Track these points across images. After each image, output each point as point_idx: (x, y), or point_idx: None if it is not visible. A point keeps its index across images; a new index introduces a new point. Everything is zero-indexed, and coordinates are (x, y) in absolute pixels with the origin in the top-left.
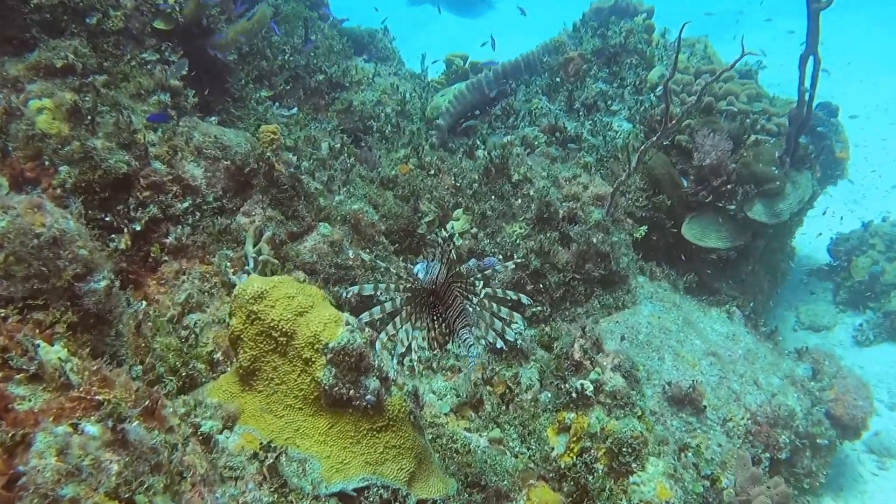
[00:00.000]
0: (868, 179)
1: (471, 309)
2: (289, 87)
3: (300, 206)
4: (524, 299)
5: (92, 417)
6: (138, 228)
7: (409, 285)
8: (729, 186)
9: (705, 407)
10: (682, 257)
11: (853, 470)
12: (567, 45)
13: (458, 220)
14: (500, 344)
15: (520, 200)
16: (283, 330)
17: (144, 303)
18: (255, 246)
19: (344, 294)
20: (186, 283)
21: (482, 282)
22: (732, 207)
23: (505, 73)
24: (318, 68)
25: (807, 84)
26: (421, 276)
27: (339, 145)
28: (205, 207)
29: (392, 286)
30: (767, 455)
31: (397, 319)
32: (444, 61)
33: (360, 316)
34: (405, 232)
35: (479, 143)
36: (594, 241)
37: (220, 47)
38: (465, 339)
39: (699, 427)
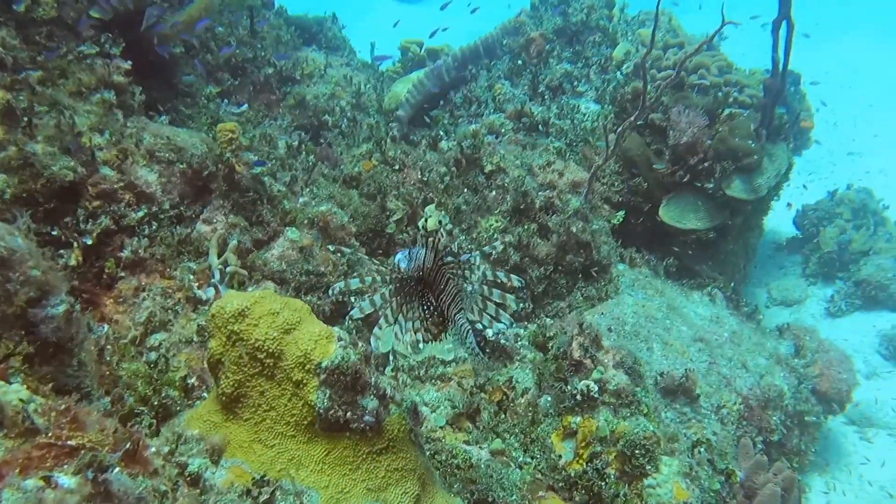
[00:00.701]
0: (827, 148)
1: (468, 290)
2: (237, 83)
3: (264, 211)
4: (515, 280)
5: (66, 467)
6: (90, 242)
7: (395, 275)
8: (706, 164)
9: (699, 395)
10: (666, 239)
11: (837, 443)
12: (527, 25)
13: (431, 216)
14: (496, 328)
15: (494, 192)
16: (270, 350)
17: (107, 326)
18: (219, 256)
19: (329, 293)
20: (147, 301)
21: (479, 257)
22: (711, 186)
23: (464, 58)
24: (266, 61)
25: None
26: (403, 265)
27: (297, 143)
28: (161, 216)
29: (378, 277)
30: (761, 438)
31: (388, 312)
32: (398, 48)
33: (350, 313)
34: (373, 232)
35: (441, 133)
36: (574, 230)
37: (165, 39)
38: (461, 326)
39: (694, 417)
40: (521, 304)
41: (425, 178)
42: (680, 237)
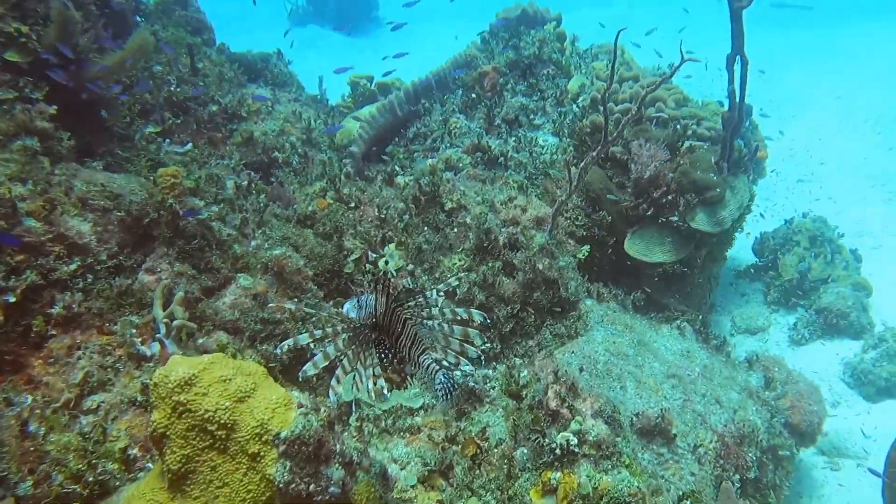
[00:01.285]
0: (782, 177)
1: (426, 330)
2: (179, 121)
3: (213, 257)
4: (476, 315)
5: None
6: (12, 300)
7: (347, 325)
8: (669, 197)
9: (675, 435)
10: (632, 272)
11: (809, 475)
12: (479, 58)
13: (389, 255)
14: (463, 370)
15: (456, 230)
16: (222, 422)
17: (29, 397)
18: (164, 308)
19: (277, 350)
20: (83, 360)
21: (435, 292)
22: (675, 219)
23: (416, 92)
24: (210, 98)
25: (735, 85)
26: (353, 314)
27: (246, 183)
28: (98, 268)
29: (329, 330)
30: (738, 476)
31: (345, 362)
32: (348, 83)
33: (303, 368)
34: (331, 273)
35: (397, 168)
36: (540, 267)
37: (98, 78)
38: (427, 367)
39: (671, 458)
40: (487, 343)
41: (383, 216)
42: (647, 270)
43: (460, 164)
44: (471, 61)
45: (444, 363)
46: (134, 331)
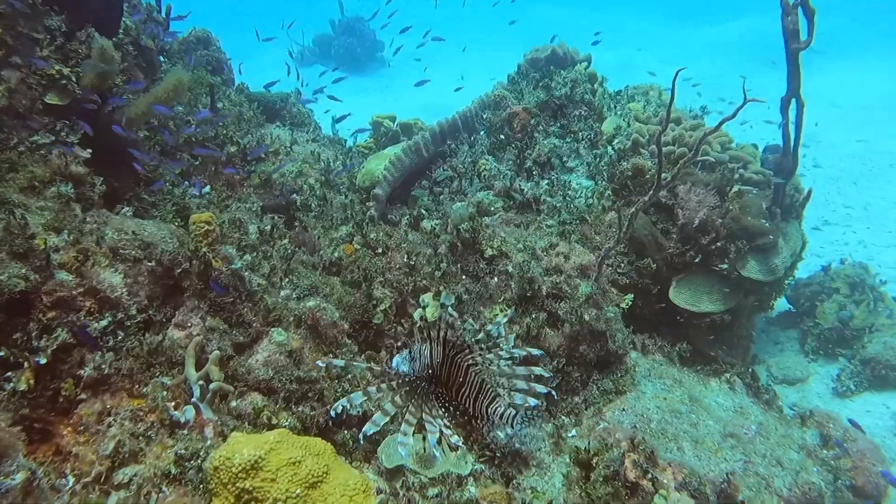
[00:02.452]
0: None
1: (492, 374)
2: (197, 163)
3: (245, 310)
4: (534, 351)
5: None
6: (43, 361)
7: (401, 380)
8: (719, 244)
9: (742, 502)
10: (676, 322)
11: None
12: (508, 98)
13: (427, 305)
14: (532, 402)
15: (496, 279)
16: None
17: (71, 479)
18: (197, 368)
19: (332, 413)
20: (114, 428)
21: (498, 327)
22: (725, 266)
23: (443, 132)
24: (228, 139)
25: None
26: (405, 368)
27: (269, 227)
28: (128, 324)
29: (384, 387)
30: None
31: (409, 418)
32: (369, 124)
33: (363, 430)
34: (359, 323)
35: (423, 212)
36: (587, 318)
37: (129, 123)
38: (504, 415)
39: None
40: (553, 377)
41: (412, 262)
42: (693, 320)
43: (492, 208)
44: (500, 101)
45: (515, 405)
46: (165, 393)
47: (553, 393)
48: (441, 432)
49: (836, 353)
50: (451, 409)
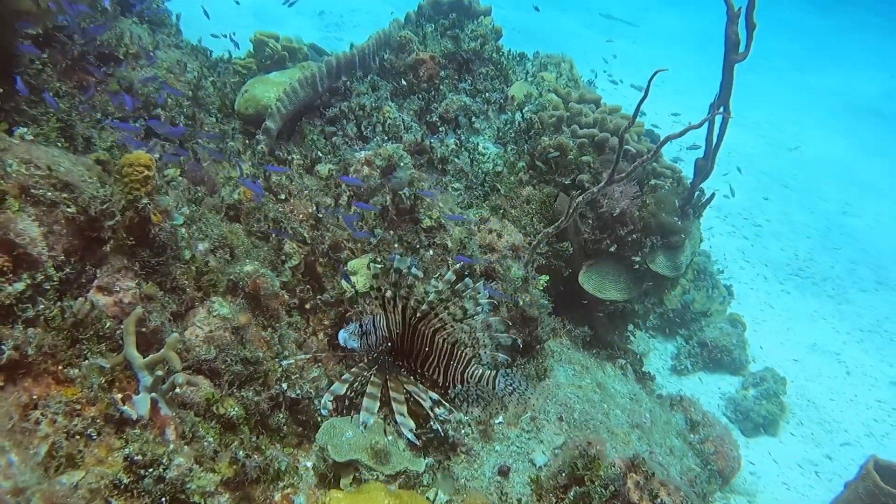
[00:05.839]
0: None
1: (468, 333)
2: (45, 55)
3: (177, 273)
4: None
5: None
6: None
7: (366, 360)
8: (635, 236)
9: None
10: (579, 306)
11: None
12: (414, 43)
13: (357, 272)
14: (501, 357)
15: (431, 251)
16: None
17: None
18: (137, 347)
19: (323, 411)
20: (44, 425)
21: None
22: (638, 259)
23: (339, 67)
24: (81, 31)
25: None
26: (354, 343)
27: (158, 156)
28: (46, 286)
29: (355, 370)
30: None
31: (396, 396)
32: (251, 41)
33: (361, 421)
34: None
35: (319, 154)
36: (521, 303)
37: (30, 18)
38: (484, 377)
39: None
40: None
41: (320, 214)
42: (598, 306)
43: (401, 164)
44: (405, 45)
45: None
46: (102, 380)
47: (518, 341)
48: (434, 401)
49: (675, 333)
50: (420, 376)
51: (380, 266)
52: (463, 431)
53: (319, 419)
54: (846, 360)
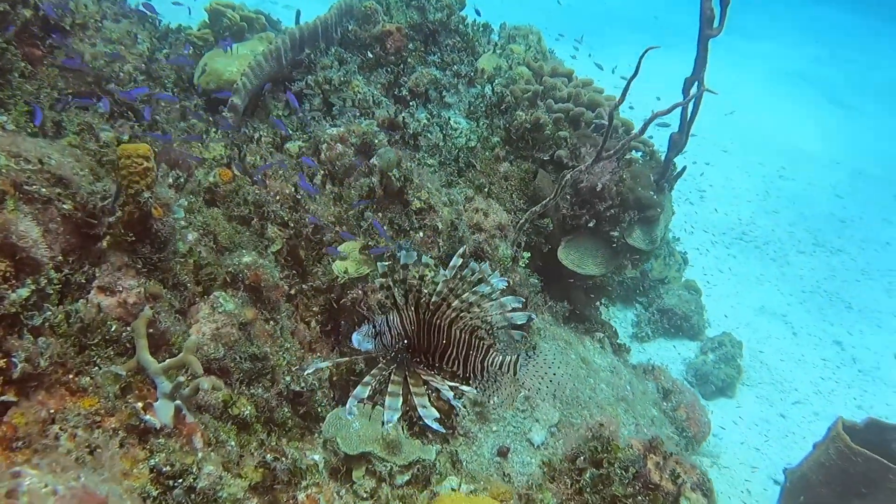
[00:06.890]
0: None
1: (482, 318)
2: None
3: (177, 267)
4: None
5: None
6: None
7: (384, 360)
8: (614, 211)
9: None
10: (558, 281)
11: None
12: (380, 13)
13: (348, 257)
14: (517, 335)
15: (422, 233)
16: None
17: None
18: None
19: (349, 416)
20: (64, 439)
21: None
22: (616, 234)
23: (302, 39)
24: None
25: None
26: (368, 346)
27: (127, 137)
28: (49, 291)
29: (375, 371)
30: None
31: (417, 390)
32: (206, 10)
33: (385, 422)
34: None
35: (289, 131)
36: (511, 283)
37: None
38: (505, 363)
39: None
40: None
41: (299, 196)
42: (576, 281)
43: (375, 141)
44: (370, 15)
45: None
46: (118, 388)
47: (533, 316)
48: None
49: (634, 300)
50: (441, 372)
51: (386, 265)
52: (461, 413)
53: (320, 410)
54: (792, 321)
